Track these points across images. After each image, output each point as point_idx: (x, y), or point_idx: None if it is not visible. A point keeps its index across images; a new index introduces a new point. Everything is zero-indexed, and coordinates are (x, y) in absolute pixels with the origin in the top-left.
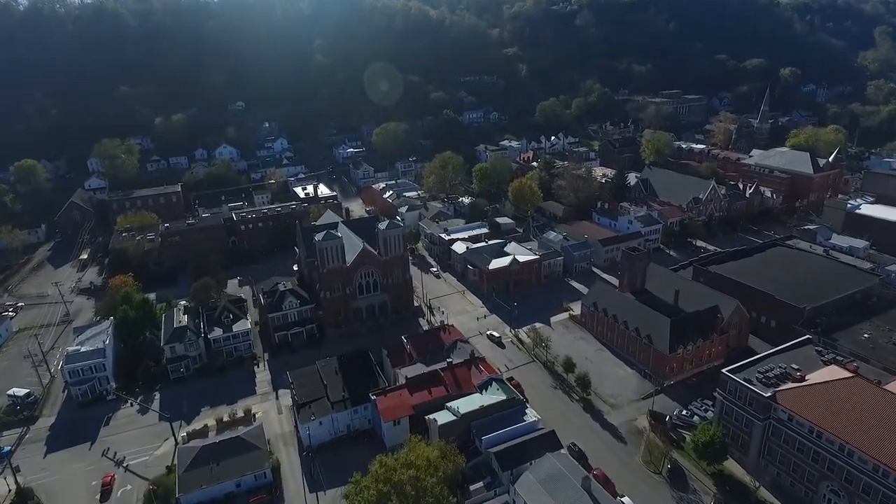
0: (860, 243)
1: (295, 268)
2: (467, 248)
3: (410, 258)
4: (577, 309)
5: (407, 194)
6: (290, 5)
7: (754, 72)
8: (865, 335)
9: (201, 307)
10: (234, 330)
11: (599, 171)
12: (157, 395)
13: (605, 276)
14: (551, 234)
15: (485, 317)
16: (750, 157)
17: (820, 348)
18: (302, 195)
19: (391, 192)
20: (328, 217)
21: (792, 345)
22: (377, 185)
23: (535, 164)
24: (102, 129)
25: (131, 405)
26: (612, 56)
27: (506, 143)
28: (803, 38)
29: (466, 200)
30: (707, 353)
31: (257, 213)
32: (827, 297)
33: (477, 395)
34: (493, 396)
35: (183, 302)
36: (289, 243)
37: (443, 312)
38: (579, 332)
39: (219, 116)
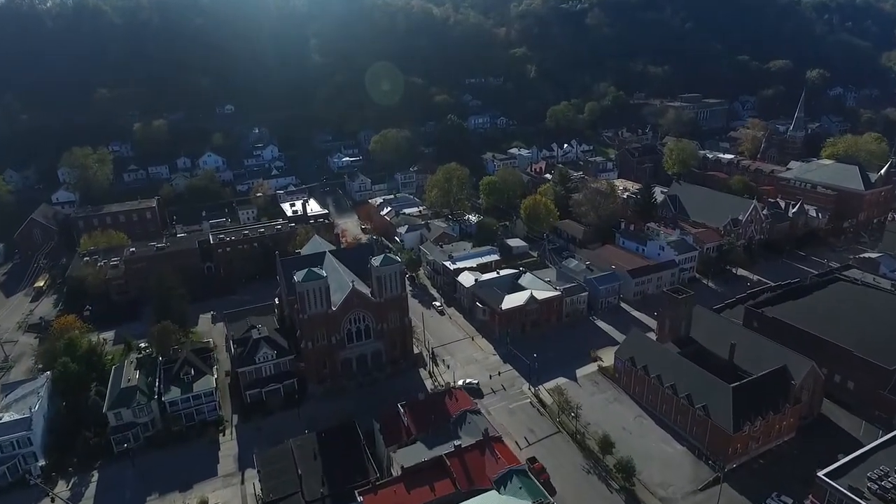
0: None
1: (276, 301)
2: (476, 280)
3: (410, 289)
4: (606, 358)
5: (407, 211)
6: (285, 2)
7: (778, 74)
8: None
9: (160, 357)
10: (195, 389)
11: (620, 185)
12: (96, 475)
13: (635, 313)
14: (572, 263)
15: (499, 373)
16: (787, 169)
17: None
18: (289, 212)
19: (389, 208)
20: (314, 245)
21: None
22: (374, 199)
23: (548, 175)
24: (78, 134)
25: (52, 501)
26: (627, 57)
27: (515, 151)
28: (823, 39)
29: (473, 218)
30: (777, 428)
31: (237, 234)
32: None
33: (493, 493)
34: (515, 500)
35: (142, 344)
36: (273, 270)
37: (447, 366)
38: (612, 390)
39: (206, 121)
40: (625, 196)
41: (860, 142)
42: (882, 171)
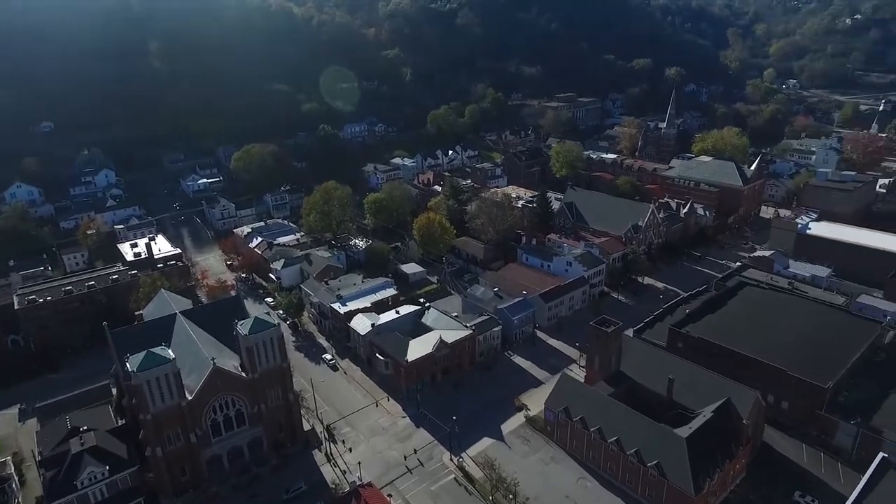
0: (822, 271)
1: (114, 379)
2: (372, 325)
3: (294, 340)
4: (532, 404)
5: (282, 240)
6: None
7: (642, 72)
8: None
9: None
10: None
11: (513, 192)
12: None
13: (552, 342)
14: (479, 290)
15: (415, 451)
16: (670, 167)
17: None
18: (130, 255)
19: (260, 238)
20: (161, 303)
21: (874, 475)
22: (241, 229)
23: (437, 187)
24: None
25: None
26: (499, 57)
27: (398, 160)
28: (671, 38)
29: (361, 244)
30: (731, 474)
31: (55, 292)
32: (839, 362)
33: None
34: None
35: None
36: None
37: (349, 449)
38: (545, 446)
39: (13, 143)
40: (520, 205)
41: (725, 136)
42: (753, 166)
